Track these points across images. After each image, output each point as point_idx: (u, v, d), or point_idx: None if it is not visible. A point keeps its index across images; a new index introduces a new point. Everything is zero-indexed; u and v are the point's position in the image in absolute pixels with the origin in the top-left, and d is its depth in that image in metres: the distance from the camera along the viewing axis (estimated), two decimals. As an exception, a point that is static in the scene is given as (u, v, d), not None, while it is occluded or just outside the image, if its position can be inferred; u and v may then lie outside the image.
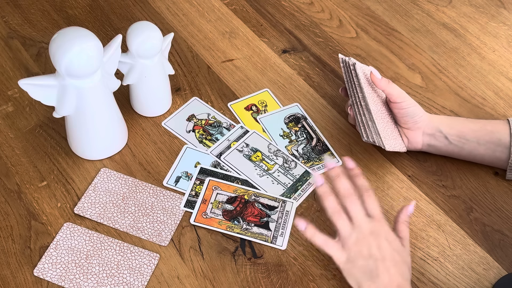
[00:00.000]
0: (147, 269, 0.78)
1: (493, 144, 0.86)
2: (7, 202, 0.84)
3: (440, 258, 0.82)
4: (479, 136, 0.86)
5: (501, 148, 0.86)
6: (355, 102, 0.87)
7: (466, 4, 1.18)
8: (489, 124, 0.87)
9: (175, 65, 1.03)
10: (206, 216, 0.84)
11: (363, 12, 1.16)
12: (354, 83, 0.86)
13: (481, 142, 0.86)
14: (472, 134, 0.86)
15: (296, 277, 0.79)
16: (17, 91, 0.97)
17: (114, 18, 1.11)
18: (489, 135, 0.86)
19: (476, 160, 0.89)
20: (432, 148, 0.89)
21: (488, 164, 0.90)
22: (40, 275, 0.77)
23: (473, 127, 0.87)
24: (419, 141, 0.88)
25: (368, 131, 0.86)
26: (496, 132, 0.86)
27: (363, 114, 0.86)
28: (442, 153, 0.90)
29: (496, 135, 0.86)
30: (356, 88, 0.86)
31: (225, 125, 0.95)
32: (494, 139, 0.86)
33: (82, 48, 0.76)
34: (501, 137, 0.86)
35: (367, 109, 0.85)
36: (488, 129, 0.86)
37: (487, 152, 0.87)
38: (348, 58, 0.87)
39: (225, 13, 1.13)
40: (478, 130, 0.87)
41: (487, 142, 0.86)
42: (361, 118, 0.86)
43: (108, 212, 0.83)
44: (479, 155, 0.88)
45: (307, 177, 0.89)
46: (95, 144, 0.88)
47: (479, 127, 0.87)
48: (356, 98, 0.86)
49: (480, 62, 1.08)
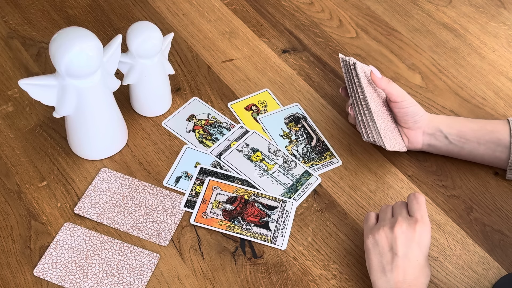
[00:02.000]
0: (147, 269, 0.78)
1: (493, 144, 0.86)
2: (7, 202, 0.84)
3: (440, 258, 0.82)
4: (479, 136, 0.86)
5: (501, 148, 0.86)
6: (356, 101, 0.87)
7: (466, 4, 1.18)
8: (489, 124, 0.87)
9: (175, 65, 1.03)
10: (206, 216, 0.84)
11: (363, 12, 1.16)
12: (355, 82, 0.86)
13: (481, 142, 0.86)
14: (472, 134, 0.86)
15: (296, 277, 0.79)
16: (17, 91, 0.97)
17: (114, 18, 1.11)
18: (489, 134, 0.86)
19: (476, 160, 0.89)
20: (432, 147, 0.89)
21: (488, 164, 0.90)
22: (40, 275, 0.77)
23: (473, 126, 0.87)
24: (420, 141, 0.88)
25: (368, 130, 0.86)
26: (496, 132, 0.86)
27: (364, 113, 0.86)
28: (442, 152, 0.90)
29: (496, 135, 0.86)
30: (356, 88, 0.86)
31: (225, 125, 0.95)
32: (494, 138, 0.86)
33: (82, 48, 0.76)
34: (501, 137, 0.86)
35: (367, 108, 0.85)
36: (488, 129, 0.86)
37: (487, 152, 0.87)
38: (348, 58, 0.87)
39: (225, 13, 1.13)
40: (478, 129, 0.87)
41: (487, 142, 0.86)
42: (361, 118, 0.86)
43: (108, 212, 0.83)
44: (479, 155, 0.88)
45: (307, 177, 0.89)
46: (95, 144, 0.88)
47: (479, 127, 0.87)
48: (357, 97, 0.86)
49: (480, 62, 1.08)
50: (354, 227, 0.84)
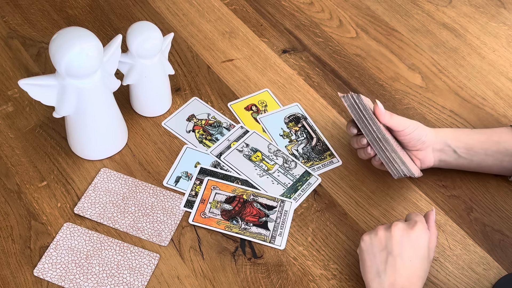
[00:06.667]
0: (147, 269, 0.78)
1: (500, 154, 0.85)
2: (7, 202, 0.84)
3: (440, 258, 0.82)
4: (486, 148, 0.85)
5: (508, 158, 0.85)
6: (374, 138, 0.82)
7: (466, 4, 1.18)
8: (494, 134, 0.86)
9: (175, 65, 1.03)
10: (204, 216, 0.84)
11: (363, 12, 1.16)
12: (365, 117, 0.81)
13: (489, 153, 0.86)
14: (479, 146, 0.86)
15: (296, 277, 0.79)
16: (17, 91, 0.98)
17: (114, 18, 1.11)
18: (496, 145, 0.85)
19: (484, 170, 0.88)
20: (444, 163, 0.87)
21: (495, 173, 0.89)
22: (40, 275, 0.77)
23: (480, 138, 0.86)
24: (431, 159, 0.86)
25: (396, 165, 0.81)
26: (503, 142, 0.85)
27: (385, 148, 0.81)
28: (453, 167, 0.88)
29: (503, 145, 0.85)
30: (369, 122, 0.81)
31: (225, 125, 0.95)
32: (501, 149, 0.85)
33: (82, 48, 0.76)
34: (508, 147, 0.85)
35: (385, 140, 0.81)
36: (494, 140, 0.85)
37: (495, 163, 0.86)
38: (349, 93, 0.82)
39: (225, 13, 1.13)
40: (484, 141, 0.86)
41: (495, 153, 0.86)
42: (384, 154, 0.82)
43: (108, 212, 0.83)
44: (487, 166, 0.87)
45: (307, 177, 0.89)
46: (95, 144, 0.88)
47: (485, 138, 0.86)
48: (372, 133, 0.82)
49: (480, 62, 1.08)
50: (354, 227, 0.84)
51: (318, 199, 0.87)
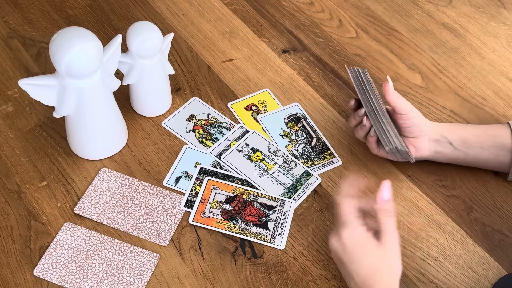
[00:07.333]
0: (147, 269, 0.79)
1: (496, 148, 0.86)
2: (7, 202, 0.84)
3: (440, 258, 0.82)
4: (482, 141, 0.86)
5: (504, 152, 0.86)
6: (373, 110, 0.84)
7: (466, 4, 1.18)
8: (490, 129, 0.87)
9: (175, 65, 1.03)
10: (204, 215, 0.84)
11: (363, 12, 1.16)
12: (368, 90, 0.84)
13: (485, 147, 0.86)
14: (474, 139, 0.86)
15: (296, 277, 0.79)
16: (17, 91, 0.98)
17: (114, 18, 1.11)
18: (492, 139, 0.86)
19: (481, 165, 0.88)
20: (439, 154, 0.88)
21: (493, 169, 0.89)
22: (40, 275, 0.77)
23: (475, 132, 0.87)
24: (426, 148, 0.87)
25: (390, 137, 0.83)
26: (498, 136, 0.86)
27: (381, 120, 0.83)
28: (449, 160, 0.89)
29: (498, 139, 0.86)
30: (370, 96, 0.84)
31: (225, 125, 0.95)
32: (497, 143, 0.86)
33: (82, 48, 0.76)
34: (503, 141, 0.85)
35: (383, 114, 0.83)
36: (489, 134, 0.86)
37: (491, 157, 0.86)
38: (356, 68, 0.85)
39: (225, 13, 1.13)
40: (480, 134, 0.86)
41: (490, 147, 0.86)
42: (380, 126, 0.84)
43: (108, 212, 0.83)
44: (484, 160, 0.87)
45: (307, 177, 0.89)
46: (95, 144, 0.88)
47: (480, 132, 0.87)
48: (372, 106, 0.84)
49: (480, 62, 1.08)
50: (354, 227, 0.84)
51: (318, 199, 0.87)
